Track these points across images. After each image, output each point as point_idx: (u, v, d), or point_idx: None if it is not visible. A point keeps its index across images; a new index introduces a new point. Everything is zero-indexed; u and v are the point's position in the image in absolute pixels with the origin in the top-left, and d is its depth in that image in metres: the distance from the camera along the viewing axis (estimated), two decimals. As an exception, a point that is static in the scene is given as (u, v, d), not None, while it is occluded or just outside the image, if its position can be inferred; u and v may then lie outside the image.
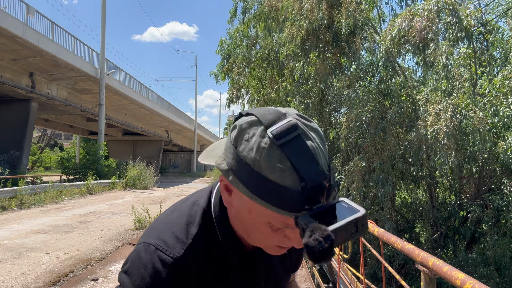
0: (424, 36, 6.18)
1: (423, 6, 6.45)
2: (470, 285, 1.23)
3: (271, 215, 0.64)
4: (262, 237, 0.70)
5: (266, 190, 0.62)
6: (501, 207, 6.79)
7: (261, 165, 0.61)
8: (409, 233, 8.67)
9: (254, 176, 0.62)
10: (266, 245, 0.72)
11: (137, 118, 33.82)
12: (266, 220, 0.66)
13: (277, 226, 0.66)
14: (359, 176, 6.80)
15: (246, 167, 0.63)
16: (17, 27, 14.44)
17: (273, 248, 0.72)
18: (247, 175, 0.63)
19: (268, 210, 0.63)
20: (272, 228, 0.67)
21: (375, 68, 7.97)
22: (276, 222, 0.65)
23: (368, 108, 6.96)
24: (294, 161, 0.60)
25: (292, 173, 0.60)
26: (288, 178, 0.60)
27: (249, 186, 0.64)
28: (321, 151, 0.64)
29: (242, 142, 0.65)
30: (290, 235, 0.67)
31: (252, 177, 0.63)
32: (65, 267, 5.74)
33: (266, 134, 0.63)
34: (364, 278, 2.52)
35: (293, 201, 0.60)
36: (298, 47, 8.09)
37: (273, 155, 0.61)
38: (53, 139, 59.73)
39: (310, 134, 0.64)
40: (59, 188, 15.76)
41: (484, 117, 6.03)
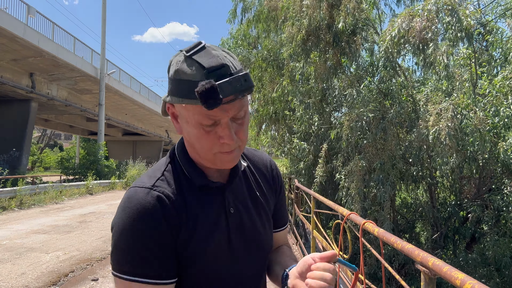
0: (423, 36, 6.18)
1: (422, 7, 6.45)
2: (470, 285, 1.23)
3: (198, 112, 0.79)
4: (202, 145, 0.83)
5: (186, 89, 0.78)
6: (501, 207, 6.79)
7: (179, 72, 0.80)
8: (409, 233, 8.67)
9: (176, 83, 0.80)
10: (211, 155, 0.84)
11: (137, 118, 33.84)
12: (197, 121, 0.80)
13: (206, 123, 0.80)
14: (359, 176, 6.80)
15: (172, 82, 0.82)
16: (17, 27, 14.44)
17: (219, 158, 0.85)
18: (174, 86, 0.81)
19: (195, 108, 0.79)
20: (204, 129, 0.81)
21: (376, 68, 7.98)
22: (203, 118, 0.79)
23: (369, 108, 6.96)
24: (199, 61, 0.78)
25: (199, 69, 0.77)
26: (198, 74, 0.77)
27: (177, 94, 0.81)
28: (227, 57, 0.80)
29: (170, 69, 0.84)
30: (222, 133, 0.81)
31: (176, 85, 0.80)
32: (65, 267, 5.74)
33: (182, 53, 0.82)
34: (364, 278, 2.52)
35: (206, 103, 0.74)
36: (298, 47, 8.09)
37: (186, 63, 0.79)
38: (53, 139, 59.74)
39: (216, 49, 0.81)
40: (59, 188, 15.76)
41: (484, 117, 6.03)
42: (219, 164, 0.87)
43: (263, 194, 1.01)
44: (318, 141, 8.79)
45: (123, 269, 0.80)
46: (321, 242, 4.68)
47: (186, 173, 0.90)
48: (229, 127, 0.82)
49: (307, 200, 6.34)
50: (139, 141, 41.70)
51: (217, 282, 0.88)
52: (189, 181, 0.89)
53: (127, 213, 0.82)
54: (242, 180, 0.98)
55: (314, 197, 5.21)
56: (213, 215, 0.88)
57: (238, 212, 0.92)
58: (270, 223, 1.01)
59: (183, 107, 0.81)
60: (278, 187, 1.07)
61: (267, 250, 0.99)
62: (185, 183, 0.89)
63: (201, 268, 0.86)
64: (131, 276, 0.80)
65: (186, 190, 0.88)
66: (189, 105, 0.79)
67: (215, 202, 0.90)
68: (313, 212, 5.19)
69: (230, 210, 0.91)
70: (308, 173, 9.16)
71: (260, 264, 0.98)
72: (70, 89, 22.76)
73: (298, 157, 9.56)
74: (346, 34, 7.80)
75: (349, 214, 2.89)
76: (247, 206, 0.95)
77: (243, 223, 0.92)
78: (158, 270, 0.80)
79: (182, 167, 0.91)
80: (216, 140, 0.82)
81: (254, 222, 0.95)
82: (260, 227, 0.96)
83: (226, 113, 0.80)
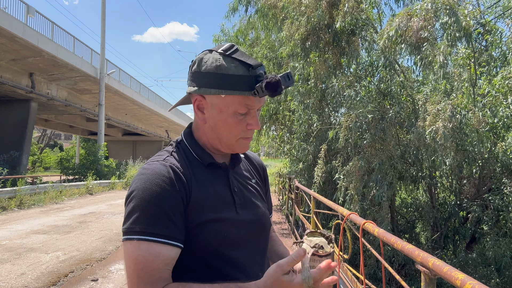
0: (420, 36, 6.18)
1: (420, 6, 6.44)
2: (470, 286, 1.23)
3: (236, 102, 0.93)
4: (231, 131, 0.96)
5: (229, 83, 0.91)
6: (501, 207, 6.79)
7: (222, 67, 0.92)
8: (409, 233, 8.67)
9: (219, 77, 0.92)
10: (234, 141, 0.98)
11: (137, 118, 33.82)
12: (234, 110, 0.94)
13: (241, 112, 0.94)
14: (358, 176, 6.79)
15: (211, 75, 0.93)
16: (17, 27, 14.43)
17: (240, 143, 0.99)
18: (214, 80, 0.93)
19: (234, 98, 0.92)
20: (237, 117, 0.95)
21: (375, 68, 7.97)
22: (241, 107, 0.93)
23: (368, 109, 6.95)
24: (241, 59, 0.92)
25: (241, 66, 0.92)
26: (241, 69, 0.92)
27: (217, 86, 0.93)
28: None
29: (203, 64, 0.95)
30: (251, 121, 0.97)
31: (218, 79, 0.92)
32: (65, 267, 5.74)
33: (217, 53, 0.95)
34: (364, 278, 2.52)
35: (248, 82, 0.91)
36: (298, 46, 8.08)
37: (227, 60, 0.93)
38: (53, 139, 59.71)
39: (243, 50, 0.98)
40: (59, 188, 15.75)
41: (482, 117, 6.03)
42: (237, 149, 1.02)
43: (257, 182, 1.14)
44: (317, 141, 8.79)
45: (134, 229, 0.85)
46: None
47: (194, 154, 1.01)
48: (257, 116, 0.98)
49: (307, 200, 6.34)
50: (139, 141, 41.68)
51: (227, 244, 0.94)
52: (197, 160, 1.01)
53: (142, 180, 0.90)
54: (241, 167, 1.11)
55: (314, 197, 5.21)
56: (220, 190, 0.99)
57: (241, 191, 1.03)
58: (265, 205, 1.12)
59: (221, 98, 0.94)
60: (266, 181, 1.22)
61: (268, 227, 1.09)
62: (194, 161, 1.00)
63: (211, 234, 0.92)
64: (141, 235, 0.84)
65: (194, 167, 0.99)
66: (230, 96, 0.92)
67: (221, 180, 1.01)
68: (313, 212, 5.19)
69: (234, 189, 1.02)
70: (308, 174, 9.16)
71: (265, 239, 1.08)
72: (70, 89, 22.75)
73: (298, 158, 9.56)
74: (345, 33, 7.79)
75: (349, 214, 2.89)
76: (247, 188, 1.07)
77: (246, 201, 1.03)
78: (167, 230, 0.86)
79: (191, 150, 1.02)
80: (244, 127, 0.97)
81: (255, 201, 1.06)
82: (261, 208, 1.07)
83: (259, 104, 0.96)
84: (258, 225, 1.03)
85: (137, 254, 0.84)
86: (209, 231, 0.92)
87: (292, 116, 9.57)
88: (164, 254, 0.85)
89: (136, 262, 0.84)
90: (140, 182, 0.90)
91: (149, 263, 0.83)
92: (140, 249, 0.84)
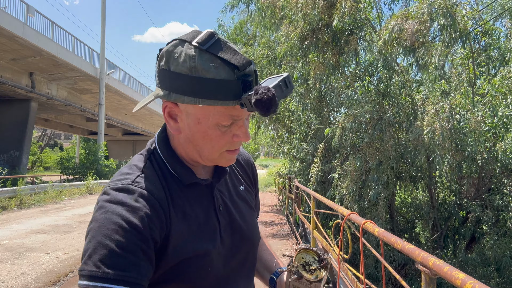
0: (415, 39, 6.20)
1: (416, 8, 6.45)
2: (470, 285, 1.23)
3: (218, 113, 0.74)
4: (213, 145, 0.78)
5: (208, 90, 0.71)
6: (501, 207, 6.79)
7: (198, 69, 0.71)
8: (409, 233, 8.67)
9: (194, 81, 0.71)
10: (217, 155, 0.81)
11: (137, 118, 33.83)
12: (215, 122, 0.75)
13: (225, 124, 0.76)
14: (353, 176, 6.80)
15: (184, 78, 0.72)
16: (17, 27, 14.43)
17: (224, 156, 0.81)
18: (188, 85, 0.72)
19: (215, 108, 0.73)
20: (220, 130, 0.77)
21: (374, 68, 7.97)
22: (224, 118, 0.75)
23: (366, 109, 6.95)
24: (223, 57, 0.71)
25: (224, 66, 0.71)
26: (223, 71, 0.70)
27: (192, 93, 0.72)
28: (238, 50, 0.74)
29: (173, 61, 0.73)
30: (238, 132, 0.78)
31: (193, 83, 0.72)
32: (65, 267, 5.74)
33: (192, 45, 0.72)
34: (364, 278, 2.52)
35: (233, 88, 0.71)
36: (296, 47, 8.07)
37: (204, 58, 0.71)
38: (53, 139, 59.71)
39: (226, 40, 0.75)
40: (59, 188, 15.76)
41: (481, 117, 6.03)
42: (222, 163, 0.84)
43: (247, 187, 1.00)
44: (316, 141, 8.79)
45: (93, 274, 0.68)
46: (321, 242, 4.68)
47: (171, 170, 0.84)
48: (246, 125, 0.80)
49: (307, 200, 6.34)
50: (139, 141, 41.69)
51: (211, 279, 0.82)
52: (175, 178, 0.83)
53: (100, 216, 0.72)
54: (227, 176, 0.95)
55: (314, 197, 5.21)
56: (202, 213, 0.84)
57: (227, 209, 0.89)
58: (255, 215, 1.02)
59: (198, 107, 0.74)
60: (254, 180, 1.07)
61: (256, 242, 0.97)
62: (171, 180, 0.83)
63: (193, 271, 0.79)
64: (92, 281, 0.68)
65: (172, 188, 0.82)
66: (210, 106, 0.73)
67: (204, 199, 0.86)
68: (313, 212, 5.19)
69: (219, 207, 0.87)
70: (307, 173, 9.16)
71: (252, 258, 0.96)
72: (70, 88, 22.75)
73: (297, 157, 9.56)
74: (344, 33, 7.79)
75: (349, 214, 2.89)
76: (234, 202, 0.93)
77: (233, 220, 0.90)
78: (123, 274, 0.69)
79: (167, 164, 0.84)
80: (230, 139, 0.79)
81: (244, 218, 0.93)
82: (250, 222, 0.95)
83: (246, 112, 0.77)
84: (245, 245, 0.91)
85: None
86: (191, 268, 0.78)
87: (292, 116, 9.57)
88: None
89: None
90: (97, 219, 0.72)
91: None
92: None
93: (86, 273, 0.68)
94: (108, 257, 0.69)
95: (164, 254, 0.76)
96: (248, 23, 12.03)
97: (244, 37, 12.53)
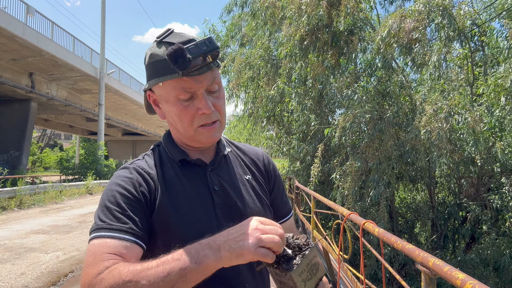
0: (412, 37, 6.21)
1: (413, 7, 6.46)
2: (470, 285, 1.23)
3: (174, 88, 0.87)
4: (183, 120, 0.90)
5: (160, 69, 0.87)
6: (500, 207, 6.79)
7: (153, 55, 0.88)
8: (408, 233, 8.67)
9: (151, 66, 0.89)
10: (193, 131, 0.91)
11: (137, 118, 33.81)
12: (175, 97, 0.88)
13: (183, 97, 0.88)
14: (354, 176, 6.80)
15: (148, 66, 0.90)
16: (16, 27, 14.42)
17: (201, 133, 0.92)
18: (151, 70, 0.90)
19: (170, 84, 0.87)
20: (182, 104, 0.88)
21: (374, 68, 7.97)
22: (179, 92, 0.87)
23: (366, 109, 6.95)
24: (169, 41, 0.87)
25: (168, 47, 0.85)
26: (168, 52, 0.82)
27: (154, 75, 0.89)
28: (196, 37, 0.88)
29: (145, 57, 0.92)
30: (200, 105, 0.88)
31: (152, 68, 0.89)
32: (65, 267, 5.74)
33: (154, 41, 0.91)
34: (364, 278, 2.52)
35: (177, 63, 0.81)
36: (296, 47, 8.07)
37: (158, 46, 0.88)
38: (52, 139, 59.67)
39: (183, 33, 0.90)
40: (59, 188, 15.75)
41: (479, 117, 6.03)
42: (202, 139, 0.93)
43: (255, 178, 1.05)
44: (316, 141, 8.79)
45: (98, 227, 0.82)
46: (321, 242, 4.68)
47: (168, 153, 0.98)
48: (205, 98, 0.89)
49: (307, 200, 6.35)
50: (139, 141, 41.68)
51: None
52: (170, 158, 0.97)
53: (107, 185, 0.91)
54: (229, 163, 1.03)
55: (314, 197, 5.21)
56: (193, 190, 0.93)
57: (224, 191, 0.95)
58: (267, 206, 1.03)
59: (160, 87, 0.89)
60: (271, 175, 1.10)
61: None
62: (166, 160, 0.97)
63: (178, 237, 0.86)
64: (105, 232, 0.81)
65: (166, 166, 0.96)
66: (166, 82, 0.87)
67: (196, 178, 0.95)
68: (313, 212, 5.19)
69: (214, 187, 0.94)
70: (306, 174, 9.15)
71: None
72: (70, 89, 22.74)
73: (297, 158, 9.55)
74: (344, 34, 7.79)
75: (349, 214, 2.89)
76: (235, 187, 0.98)
77: (230, 201, 0.95)
78: (122, 225, 0.82)
79: (165, 149, 1.00)
80: (195, 112, 0.89)
81: (243, 201, 0.96)
82: (251, 207, 0.97)
83: (200, 84, 0.87)
84: None
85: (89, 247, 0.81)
86: (176, 233, 0.86)
87: (291, 117, 9.56)
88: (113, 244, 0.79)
89: (89, 253, 0.80)
90: (103, 191, 0.91)
91: (97, 251, 0.78)
92: (94, 244, 0.80)
93: (94, 226, 0.83)
94: (109, 214, 0.83)
95: (153, 212, 0.89)
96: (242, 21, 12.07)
97: (239, 38, 12.57)
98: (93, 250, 0.79)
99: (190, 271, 0.69)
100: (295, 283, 0.73)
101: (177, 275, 0.69)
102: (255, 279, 0.96)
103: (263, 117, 10.52)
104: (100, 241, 0.79)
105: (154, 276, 0.69)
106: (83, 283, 0.74)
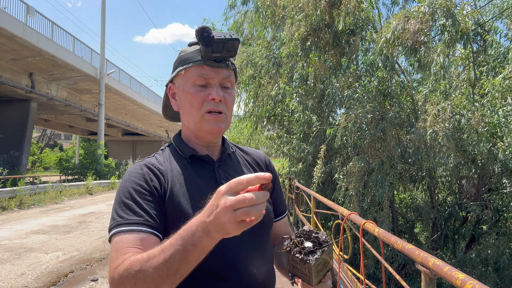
0: (416, 38, 6.19)
1: (417, 8, 6.44)
2: (470, 285, 1.23)
3: (193, 74, 0.98)
4: (192, 104, 0.99)
5: (185, 59, 1.00)
6: (501, 207, 6.79)
7: (181, 52, 1.03)
8: (408, 233, 8.67)
9: (178, 60, 1.03)
10: (200, 116, 0.99)
11: (137, 118, 33.82)
12: (192, 82, 0.99)
13: (199, 83, 0.98)
14: (357, 177, 6.79)
15: (175, 62, 1.04)
16: (16, 27, 14.42)
17: (206, 119, 0.99)
18: (176, 64, 1.03)
19: (190, 70, 0.99)
20: (196, 89, 0.98)
21: (375, 68, 7.96)
22: (197, 78, 0.98)
23: (367, 109, 6.94)
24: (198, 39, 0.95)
25: (197, 45, 0.99)
26: (196, 47, 0.99)
27: (177, 67, 1.02)
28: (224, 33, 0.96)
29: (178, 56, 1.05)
30: (211, 91, 0.98)
31: (178, 61, 1.03)
32: (65, 267, 5.74)
33: None
34: (364, 278, 2.52)
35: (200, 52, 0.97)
36: (297, 47, 8.06)
37: (188, 46, 1.04)
38: (52, 139, 59.67)
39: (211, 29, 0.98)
40: (59, 188, 15.75)
41: (481, 117, 6.03)
42: (207, 127, 1.00)
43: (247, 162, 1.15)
44: (317, 141, 8.78)
45: (116, 223, 0.88)
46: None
47: (177, 150, 1.06)
48: (218, 88, 0.99)
49: (307, 200, 6.34)
50: (139, 141, 41.66)
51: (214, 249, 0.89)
52: (179, 155, 1.04)
53: (121, 182, 0.98)
54: (235, 161, 1.11)
55: (314, 197, 5.21)
56: (202, 184, 0.99)
57: None
58: (270, 203, 1.09)
59: (182, 75, 1.01)
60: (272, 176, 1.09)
61: (267, 223, 1.03)
62: (177, 157, 1.04)
63: None
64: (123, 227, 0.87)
65: (176, 162, 1.02)
66: (188, 69, 0.99)
67: (205, 173, 1.02)
68: (313, 212, 5.19)
69: (221, 182, 0.99)
70: (307, 174, 9.14)
71: (261, 235, 1.02)
72: (70, 89, 22.74)
73: (297, 158, 9.54)
74: (345, 33, 7.78)
75: (350, 214, 2.89)
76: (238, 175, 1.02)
77: None
78: (143, 220, 0.88)
79: (175, 147, 1.07)
80: (206, 97, 0.98)
81: None
82: None
83: (216, 75, 0.98)
84: None
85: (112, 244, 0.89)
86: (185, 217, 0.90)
87: (291, 117, 9.55)
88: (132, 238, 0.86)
89: (112, 249, 0.88)
90: (120, 185, 0.97)
91: (119, 246, 0.86)
92: (116, 241, 0.88)
93: (113, 223, 0.89)
94: (126, 209, 0.90)
95: (166, 204, 0.95)
96: (245, 22, 12.06)
97: (240, 36, 12.56)
98: (115, 246, 0.87)
99: (190, 254, 0.74)
100: (310, 273, 0.82)
101: (179, 259, 0.74)
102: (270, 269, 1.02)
103: (263, 117, 10.51)
104: (120, 237, 0.87)
105: (158, 264, 0.75)
106: (108, 276, 0.84)
